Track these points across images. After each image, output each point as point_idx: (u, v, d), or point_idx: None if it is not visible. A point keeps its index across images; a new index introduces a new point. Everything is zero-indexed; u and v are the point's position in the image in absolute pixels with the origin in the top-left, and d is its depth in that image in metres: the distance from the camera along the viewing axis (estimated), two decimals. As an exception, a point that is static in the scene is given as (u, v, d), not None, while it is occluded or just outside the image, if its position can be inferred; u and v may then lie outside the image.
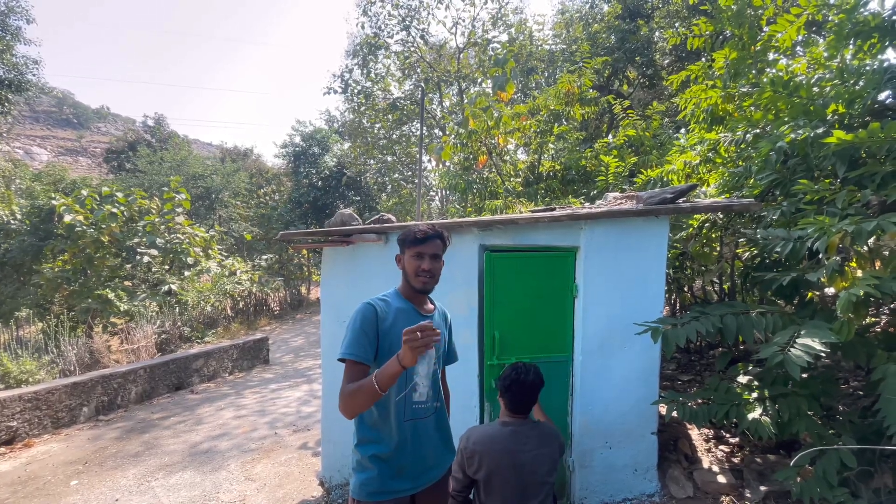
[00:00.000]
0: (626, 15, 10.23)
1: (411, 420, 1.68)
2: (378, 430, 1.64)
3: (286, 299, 14.61)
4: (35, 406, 4.89)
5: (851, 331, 2.18)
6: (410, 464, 1.67)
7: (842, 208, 2.47)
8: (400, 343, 1.45)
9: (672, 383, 4.55)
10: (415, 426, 1.69)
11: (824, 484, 2.18)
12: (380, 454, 1.63)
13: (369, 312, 1.61)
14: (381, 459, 1.63)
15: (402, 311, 1.69)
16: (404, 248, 1.73)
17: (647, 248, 2.99)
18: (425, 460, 1.71)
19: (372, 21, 15.73)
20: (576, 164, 6.68)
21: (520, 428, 2.03)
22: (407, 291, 1.74)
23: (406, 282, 1.73)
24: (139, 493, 3.66)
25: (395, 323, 1.63)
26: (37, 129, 55.88)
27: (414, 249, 1.69)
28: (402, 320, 1.64)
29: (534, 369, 2.10)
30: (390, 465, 1.63)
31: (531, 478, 1.97)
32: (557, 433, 2.15)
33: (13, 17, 12.68)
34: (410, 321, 1.60)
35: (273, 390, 6.61)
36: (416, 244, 1.68)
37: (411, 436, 1.67)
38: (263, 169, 24.67)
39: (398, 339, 1.52)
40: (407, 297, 1.74)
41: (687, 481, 3.05)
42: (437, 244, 1.71)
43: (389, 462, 1.63)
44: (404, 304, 1.71)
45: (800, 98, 3.25)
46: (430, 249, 1.69)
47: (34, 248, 11.07)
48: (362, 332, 1.58)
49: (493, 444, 1.98)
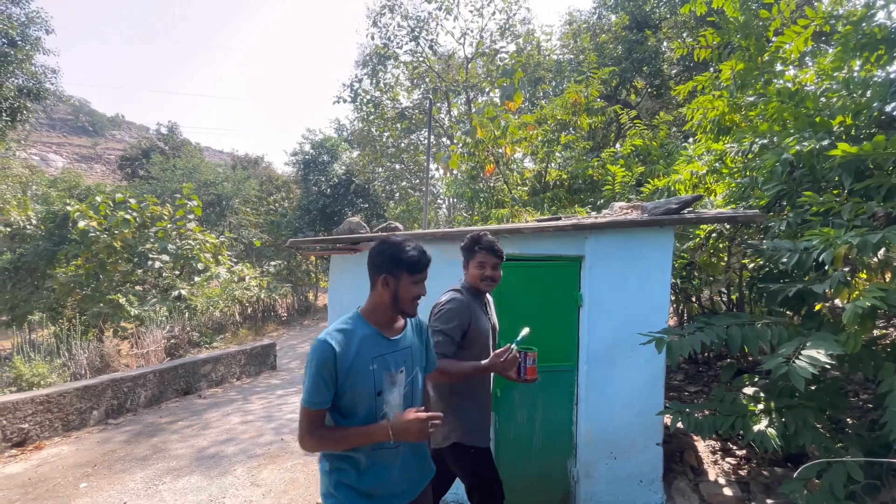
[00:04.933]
0: (633, 25, 10.30)
1: (381, 449, 1.57)
2: (347, 458, 1.57)
3: (294, 305, 14.71)
4: (46, 409, 4.96)
5: (858, 343, 2.17)
6: (381, 489, 1.59)
7: (848, 220, 2.47)
8: (364, 377, 1.49)
9: (679, 394, 4.52)
10: (384, 454, 1.59)
11: (831, 497, 2.15)
12: (348, 482, 1.56)
13: (327, 353, 1.46)
14: (350, 486, 1.56)
15: (367, 337, 1.54)
16: (401, 271, 1.54)
17: (652, 259, 3.00)
18: (399, 483, 1.63)
19: (382, 32, 15.98)
20: (582, 174, 6.71)
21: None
22: (380, 314, 1.59)
23: (393, 306, 1.58)
24: (147, 497, 3.69)
25: (359, 353, 1.51)
26: (53, 136, 57.09)
27: (418, 276, 1.56)
28: (367, 348, 1.53)
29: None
30: (359, 493, 1.56)
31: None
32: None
33: (33, 28, 13.06)
34: (375, 347, 1.54)
35: (280, 396, 6.64)
36: (422, 270, 1.57)
37: (382, 462, 1.58)
38: (273, 176, 24.98)
39: (362, 370, 1.50)
40: (372, 321, 1.58)
41: (693, 493, 3.02)
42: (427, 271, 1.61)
43: (358, 488, 1.56)
44: (368, 329, 1.56)
45: (806, 109, 3.26)
46: (427, 273, 1.59)
47: (48, 252, 11.29)
48: (319, 377, 1.46)
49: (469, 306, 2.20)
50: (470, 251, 2.26)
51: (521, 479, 2.96)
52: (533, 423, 2.99)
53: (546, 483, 3.01)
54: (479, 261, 2.21)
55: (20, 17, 12.77)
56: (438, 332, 2.06)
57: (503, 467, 2.93)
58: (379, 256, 1.58)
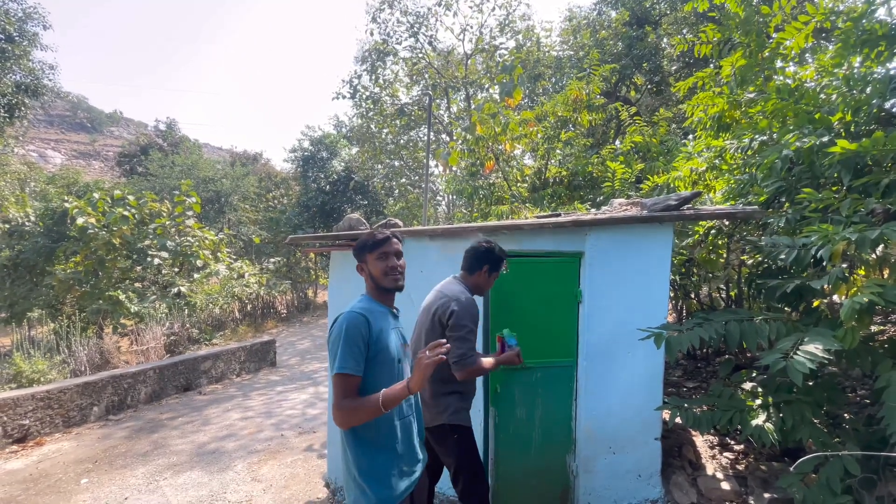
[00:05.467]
0: (633, 21, 10.27)
1: (405, 418, 1.73)
2: (377, 440, 1.65)
3: (293, 302, 14.71)
4: (47, 405, 4.98)
5: (855, 338, 2.18)
6: (409, 460, 1.72)
7: (846, 216, 2.47)
8: (389, 346, 1.63)
9: (678, 390, 4.54)
10: (406, 424, 1.74)
11: (827, 491, 2.17)
12: (386, 465, 1.65)
13: (360, 322, 1.61)
14: (388, 469, 1.65)
15: (381, 312, 1.73)
16: (364, 255, 1.77)
17: (651, 255, 3.01)
18: (417, 454, 1.77)
19: (381, 28, 15.93)
20: (582, 171, 6.70)
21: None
22: (377, 295, 1.78)
23: (375, 285, 1.76)
24: (148, 492, 3.71)
25: (382, 325, 1.68)
26: (51, 132, 56.89)
27: (377, 251, 1.74)
28: (385, 322, 1.71)
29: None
30: (397, 470, 1.67)
31: None
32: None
33: (30, 24, 12.99)
34: (391, 321, 1.75)
35: (279, 392, 6.66)
36: (378, 246, 1.74)
37: (404, 435, 1.71)
38: (272, 173, 24.91)
39: (386, 339, 1.65)
40: (378, 300, 1.77)
41: (691, 487, 3.04)
42: (396, 242, 1.78)
43: (397, 466, 1.67)
44: (379, 307, 1.75)
45: (805, 106, 3.26)
46: (393, 248, 1.75)
47: (47, 249, 11.26)
48: (354, 345, 1.57)
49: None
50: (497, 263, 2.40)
51: (520, 474, 2.98)
52: (532, 418, 3.00)
53: (545, 478, 3.03)
54: (494, 277, 2.41)
55: (17, 12, 12.71)
56: (470, 332, 2.20)
57: (503, 462, 2.95)
58: (353, 252, 1.84)
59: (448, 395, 2.27)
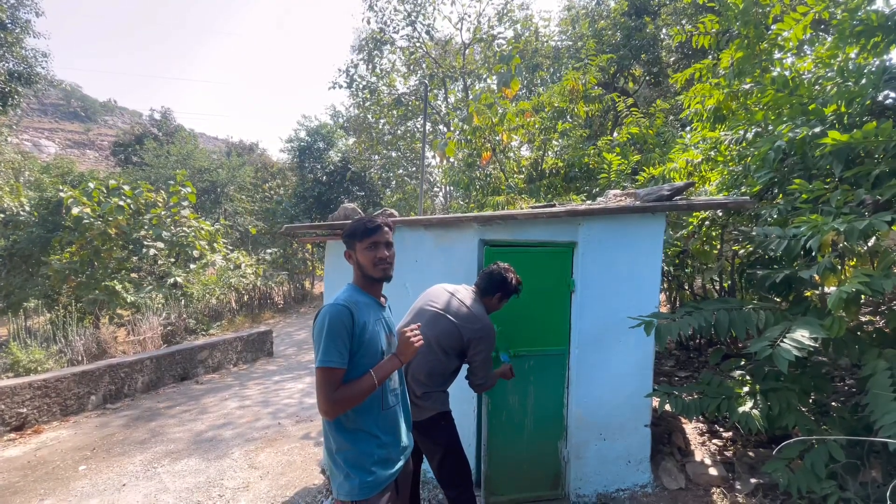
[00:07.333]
0: (632, 12, 10.19)
1: (390, 409, 1.73)
2: (361, 429, 1.65)
3: (290, 293, 14.73)
4: (44, 393, 5.00)
5: (842, 327, 2.22)
6: (393, 449, 1.72)
7: (836, 207, 2.50)
8: (373, 337, 1.63)
9: (669, 379, 4.59)
10: (392, 414, 1.74)
11: (812, 476, 2.22)
12: (369, 451, 1.64)
13: (344, 315, 1.58)
14: (371, 457, 1.65)
15: (366, 303, 1.70)
16: (354, 242, 1.72)
17: (643, 245, 3.03)
18: (402, 442, 1.77)
19: (378, 16, 15.75)
20: (579, 162, 6.70)
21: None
22: (364, 284, 1.74)
23: (363, 274, 1.73)
24: (146, 479, 3.75)
25: (366, 316, 1.65)
26: (45, 121, 56.33)
27: (367, 241, 1.69)
28: (369, 312, 1.68)
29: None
30: (381, 458, 1.67)
31: None
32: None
33: (23, 10, 12.80)
34: (375, 312, 1.71)
35: (276, 382, 6.70)
36: (369, 235, 1.69)
37: (390, 426, 1.72)
38: (269, 163, 24.74)
39: (370, 331, 1.64)
40: (365, 290, 1.74)
41: (679, 473, 3.10)
42: (387, 232, 1.73)
43: (380, 454, 1.67)
44: (365, 297, 1.72)
45: (800, 97, 3.27)
46: (384, 238, 1.70)
47: (42, 239, 11.23)
48: (337, 337, 1.56)
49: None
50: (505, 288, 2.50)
51: (512, 460, 3.03)
52: (525, 406, 3.04)
53: (537, 464, 3.08)
54: (503, 303, 2.51)
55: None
56: (490, 355, 2.36)
57: (496, 449, 3.00)
58: (343, 237, 1.81)
59: (440, 393, 2.35)
